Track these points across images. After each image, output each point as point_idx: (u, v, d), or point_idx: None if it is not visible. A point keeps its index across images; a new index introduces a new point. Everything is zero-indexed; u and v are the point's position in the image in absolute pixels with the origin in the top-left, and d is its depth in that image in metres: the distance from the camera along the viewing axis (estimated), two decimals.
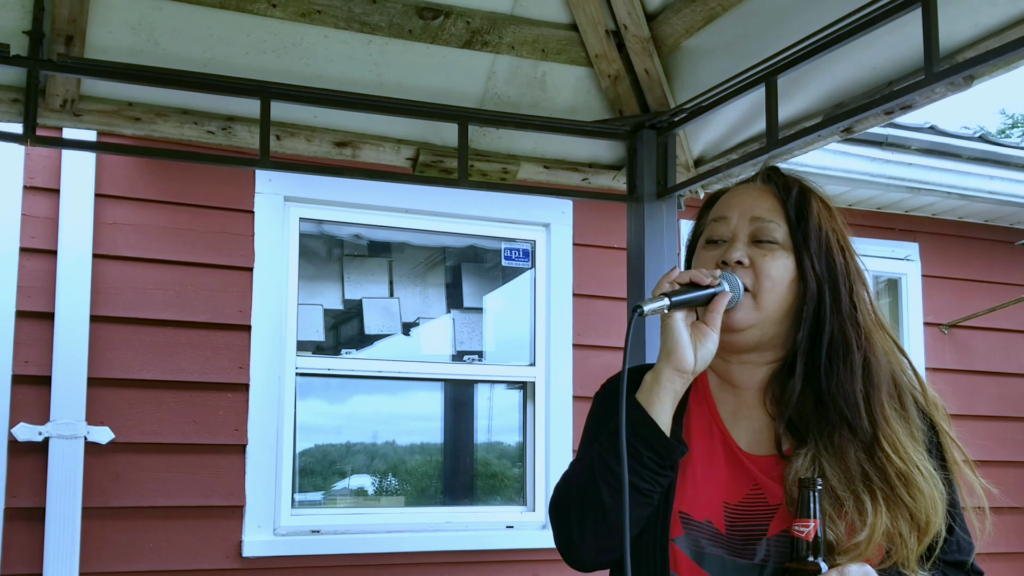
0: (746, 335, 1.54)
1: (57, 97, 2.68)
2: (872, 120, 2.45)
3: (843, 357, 1.51)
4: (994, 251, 5.76)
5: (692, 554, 1.49)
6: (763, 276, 1.53)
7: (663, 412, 1.49)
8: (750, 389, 1.59)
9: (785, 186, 1.60)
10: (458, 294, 4.79)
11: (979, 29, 2.15)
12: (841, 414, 1.48)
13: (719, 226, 1.59)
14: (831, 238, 1.57)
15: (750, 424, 1.57)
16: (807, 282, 1.53)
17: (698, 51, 2.85)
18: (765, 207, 1.58)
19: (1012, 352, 5.70)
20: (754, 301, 1.53)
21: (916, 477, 1.44)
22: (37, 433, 3.70)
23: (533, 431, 4.65)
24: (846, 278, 1.55)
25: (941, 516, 1.45)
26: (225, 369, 4.05)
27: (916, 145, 5.10)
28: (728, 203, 1.62)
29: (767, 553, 1.46)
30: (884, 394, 1.50)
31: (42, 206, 3.83)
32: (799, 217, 1.56)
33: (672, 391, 1.50)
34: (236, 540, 3.99)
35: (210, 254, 4.08)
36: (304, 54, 2.77)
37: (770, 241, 1.55)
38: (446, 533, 4.37)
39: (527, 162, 3.16)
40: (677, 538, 1.50)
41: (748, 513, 1.49)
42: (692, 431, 1.58)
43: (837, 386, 1.49)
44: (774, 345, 1.56)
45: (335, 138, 2.98)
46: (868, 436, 1.46)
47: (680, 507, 1.51)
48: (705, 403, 1.61)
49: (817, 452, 1.46)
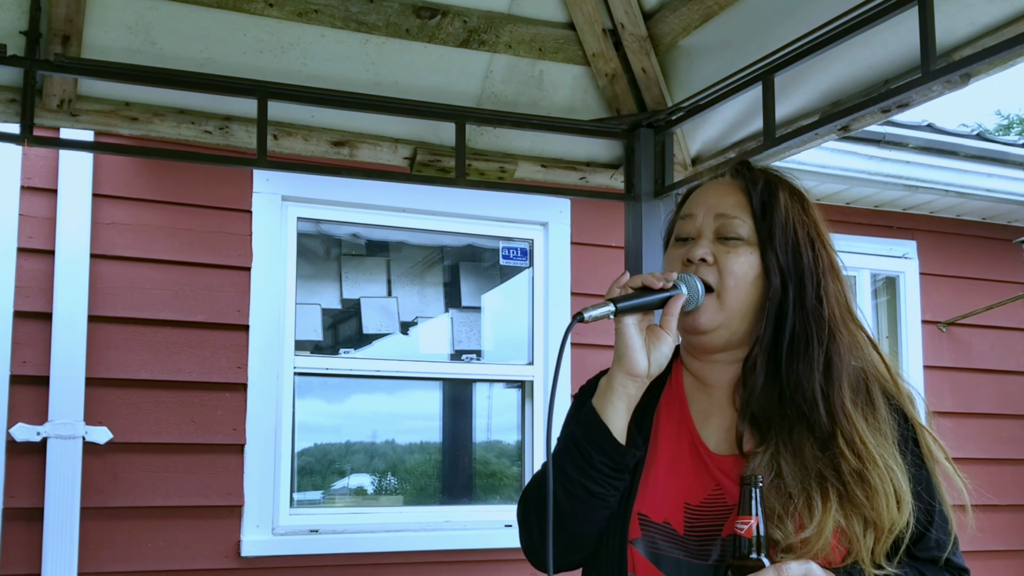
0: (713, 336, 1.53)
1: (54, 97, 2.68)
2: (869, 118, 2.45)
3: (803, 352, 1.49)
4: (992, 249, 5.76)
5: (649, 555, 1.49)
6: (726, 273, 1.52)
7: (616, 417, 1.50)
8: (721, 387, 1.58)
9: (752, 180, 1.58)
10: (456, 293, 4.79)
11: (975, 27, 2.16)
12: (799, 410, 1.46)
13: (686, 223, 1.58)
14: (799, 232, 1.54)
15: (720, 423, 1.56)
16: (771, 278, 1.52)
17: (695, 50, 2.85)
18: (730, 203, 1.56)
19: (1010, 350, 5.70)
20: (718, 301, 1.52)
21: (871, 474, 1.41)
22: (35, 433, 3.70)
23: (532, 430, 4.65)
24: (813, 272, 1.53)
25: (901, 514, 1.42)
26: (223, 369, 4.05)
27: (914, 143, 5.10)
28: (695, 200, 1.60)
29: (720, 553, 1.45)
30: (846, 389, 1.48)
31: (39, 206, 3.83)
32: (764, 212, 1.54)
33: (625, 395, 1.50)
34: (235, 540, 3.99)
35: (208, 254, 4.08)
36: (301, 54, 2.76)
37: (734, 238, 1.53)
38: (445, 532, 4.37)
39: (524, 161, 3.16)
40: (635, 540, 1.50)
41: (708, 514, 1.48)
42: (660, 431, 1.57)
43: (796, 382, 1.48)
44: (743, 342, 1.55)
45: (332, 138, 2.98)
46: (826, 432, 1.44)
47: (639, 508, 1.51)
48: (677, 402, 1.60)
49: (776, 451, 1.44)
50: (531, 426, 4.66)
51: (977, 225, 5.76)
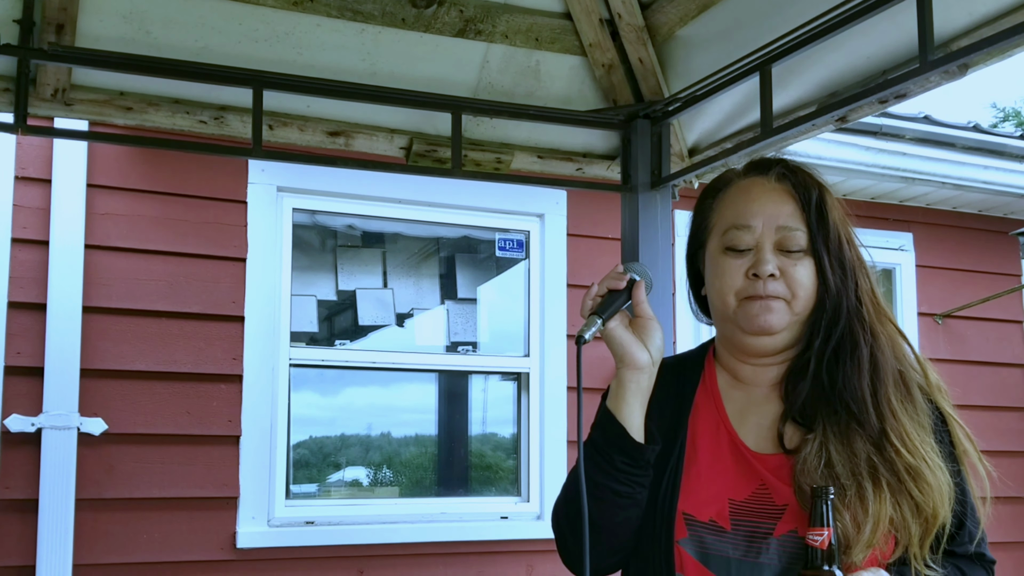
0: (778, 338, 1.56)
1: (48, 86, 2.66)
2: (867, 109, 2.44)
3: (850, 353, 1.52)
4: (988, 241, 5.77)
5: (697, 555, 1.49)
6: (796, 285, 1.54)
7: (631, 414, 1.53)
8: (760, 386, 1.60)
9: (803, 187, 1.60)
10: (452, 285, 4.78)
11: (973, 17, 2.15)
12: (848, 410, 1.48)
13: (743, 235, 1.58)
14: (842, 235, 1.58)
15: (758, 420, 1.57)
16: (829, 284, 1.55)
17: (692, 40, 2.84)
18: (787, 213, 1.58)
19: (1006, 342, 5.71)
20: (788, 307, 1.55)
21: (924, 470, 1.44)
22: (30, 424, 3.69)
23: (528, 422, 4.65)
24: (853, 272, 1.57)
25: (948, 507, 1.45)
26: (218, 360, 4.04)
27: (910, 135, 5.10)
28: (750, 210, 1.59)
29: (774, 553, 1.45)
30: (891, 387, 1.51)
31: (33, 196, 3.81)
32: (820, 222, 1.57)
33: (636, 390, 1.54)
34: (230, 531, 3.99)
35: (203, 245, 4.07)
36: (296, 43, 2.75)
37: (797, 251, 1.56)
38: (440, 524, 4.37)
39: (521, 152, 3.15)
40: (682, 540, 1.51)
41: (754, 511, 1.49)
42: (699, 429, 1.59)
43: (844, 382, 1.50)
44: (794, 345, 1.58)
45: (328, 128, 2.96)
46: (876, 431, 1.46)
47: (684, 508, 1.52)
48: (712, 402, 1.61)
49: (825, 439, 1.47)
50: (527, 418, 4.66)
51: (973, 217, 5.76)
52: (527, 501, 4.60)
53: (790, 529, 1.45)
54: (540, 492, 4.59)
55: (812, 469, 1.44)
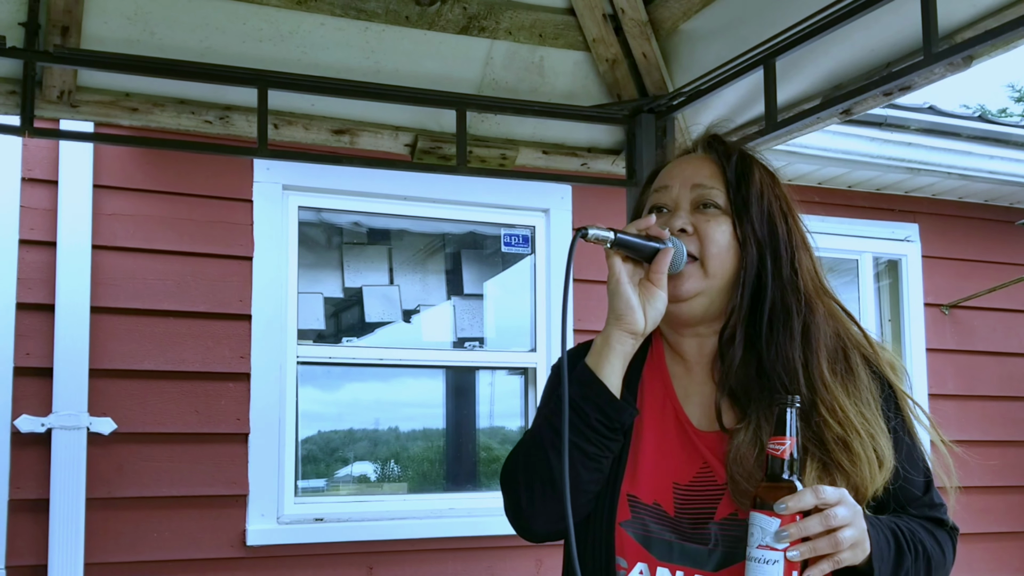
0: (694, 304, 1.52)
1: (54, 88, 2.67)
2: (871, 102, 2.44)
3: (783, 322, 1.49)
4: (994, 231, 5.75)
5: (639, 538, 1.47)
6: (708, 241, 1.52)
7: (612, 375, 1.48)
8: (700, 362, 1.58)
9: (726, 153, 1.59)
10: (458, 281, 4.79)
11: (977, 9, 2.15)
12: (780, 380, 1.45)
13: (661, 195, 1.59)
14: (773, 204, 1.56)
15: (700, 399, 1.55)
16: (748, 247, 1.52)
17: (696, 34, 2.84)
18: (705, 174, 1.57)
19: (1012, 332, 5.70)
20: (701, 268, 1.52)
21: (853, 441, 1.41)
22: (40, 424, 3.71)
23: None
24: (788, 244, 1.54)
25: (879, 479, 1.42)
26: (226, 358, 4.05)
27: (915, 125, 5.09)
28: (669, 172, 1.61)
29: (716, 537, 1.44)
30: (823, 358, 1.48)
31: (41, 198, 3.83)
32: (739, 182, 1.55)
33: (622, 353, 1.49)
34: (240, 529, 4.00)
35: (209, 244, 4.08)
36: (301, 42, 2.75)
37: (712, 205, 1.54)
38: (449, 520, 4.38)
39: (526, 147, 3.16)
40: (624, 522, 1.48)
41: (697, 494, 1.47)
42: (645, 408, 1.56)
43: (776, 352, 1.48)
44: (720, 314, 1.55)
45: (333, 126, 2.97)
46: (806, 401, 1.43)
47: (628, 490, 1.49)
48: (660, 378, 1.59)
49: (758, 425, 1.43)
50: (534, 413, 4.66)
51: (979, 207, 5.75)
52: None
53: (730, 512, 1.43)
54: None
55: (745, 457, 1.41)
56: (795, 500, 1.29)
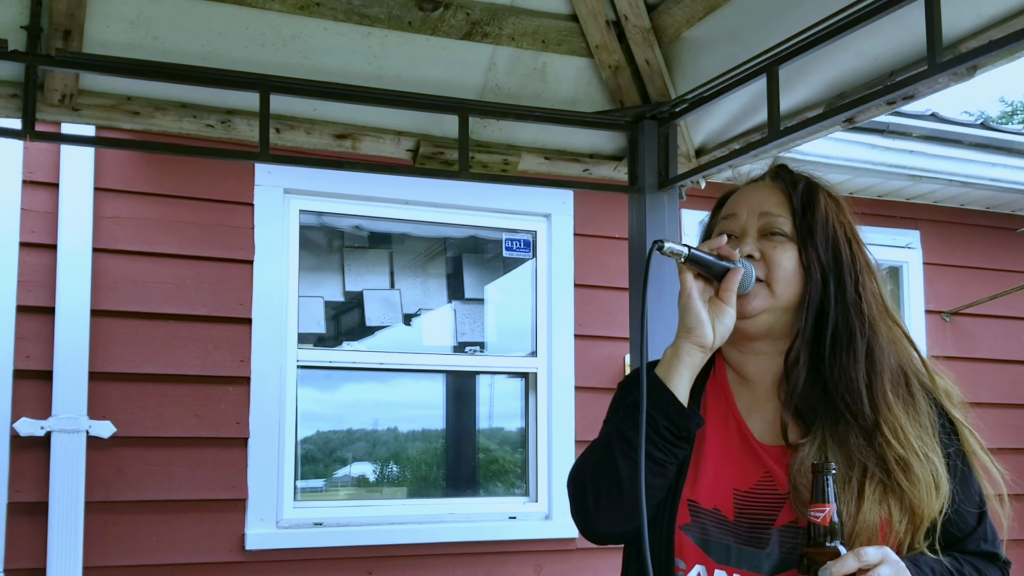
0: (759, 320, 1.58)
1: (56, 92, 2.66)
2: (874, 110, 2.43)
3: (846, 344, 1.54)
4: (995, 238, 5.75)
5: (698, 541, 1.53)
6: (774, 266, 1.58)
7: (681, 384, 1.54)
8: (763, 382, 1.62)
9: (792, 182, 1.65)
10: (459, 285, 4.78)
11: (982, 19, 2.14)
12: (844, 400, 1.50)
13: (729, 223, 1.65)
14: (838, 230, 1.61)
15: (763, 416, 1.60)
16: (812, 272, 1.58)
17: (699, 41, 2.83)
18: (773, 202, 1.63)
19: (1014, 339, 5.69)
20: (768, 289, 1.57)
21: (913, 463, 1.45)
22: (39, 428, 3.70)
23: (535, 421, 4.65)
24: (852, 269, 1.59)
25: (937, 504, 1.46)
26: (226, 362, 4.05)
27: (917, 132, 5.08)
28: (738, 201, 1.67)
29: (774, 543, 1.48)
30: (887, 381, 1.52)
31: (41, 200, 3.82)
32: (805, 210, 1.61)
33: (691, 365, 1.55)
34: (239, 533, 4.00)
35: (210, 247, 4.07)
36: (303, 47, 2.75)
37: (779, 233, 1.60)
38: (449, 524, 4.38)
39: (528, 153, 3.15)
40: (684, 525, 1.53)
41: (758, 501, 1.51)
42: (708, 417, 1.62)
43: (840, 373, 1.52)
44: (785, 334, 1.60)
45: (335, 130, 2.97)
46: (869, 422, 1.48)
47: (689, 495, 1.55)
48: (722, 393, 1.65)
49: (823, 442, 1.49)
50: (535, 418, 4.66)
51: (980, 215, 5.75)
52: (535, 501, 4.60)
53: (791, 520, 1.48)
54: (548, 492, 4.59)
55: (807, 472, 1.45)
56: (838, 565, 1.34)
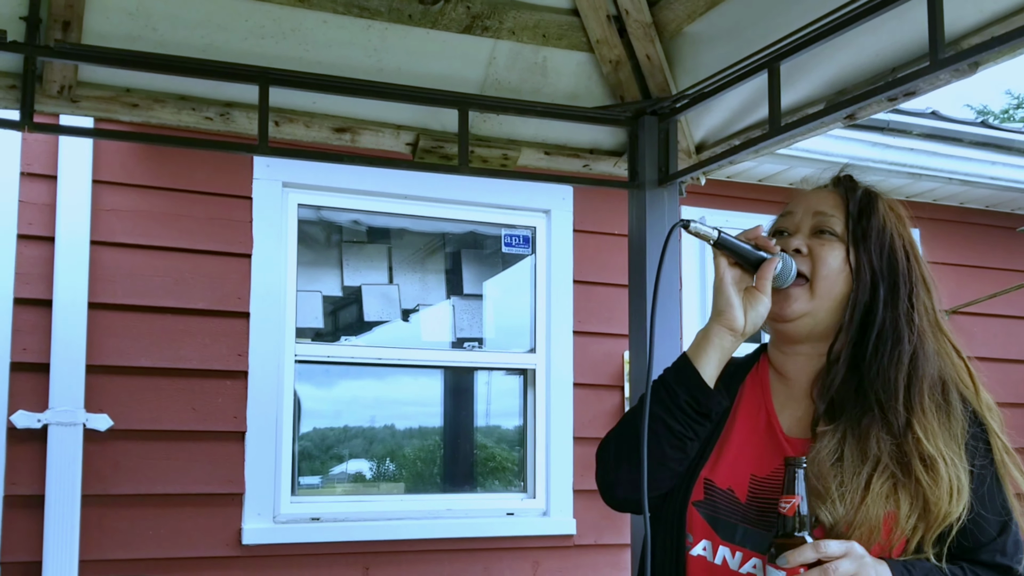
0: (799, 324, 1.61)
1: (54, 83, 2.65)
2: (875, 107, 2.42)
3: (891, 347, 1.56)
4: (995, 237, 5.75)
5: (708, 517, 1.58)
6: (819, 263, 1.60)
7: (708, 365, 1.58)
8: (800, 381, 1.65)
9: (852, 188, 1.69)
10: (458, 280, 4.78)
11: (984, 15, 2.13)
12: (877, 397, 1.52)
13: (785, 220, 1.69)
14: (895, 240, 1.64)
15: (795, 411, 1.63)
16: (861, 273, 1.60)
17: (700, 37, 2.82)
18: (829, 204, 1.67)
19: (1013, 338, 5.69)
20: (809, 289, 1.60)
21: (939, 462, 1.47)
22: (36, 420, 3.69)
23: (534, 417, 4.65)
24: (907, 278, 1.61)
25: (956, 507, 1.47)
26: (224, 356, 4.04)
27: (918, 130, 5.07)
28: (796, 200, 1.71)
29: None
30: (926, 386, 1.54)
31: (39, 193, 3.81)
32: (861, 214, 1.64)
33: (720, 347, 1.59)
34: (236, 528, 3.99)
35: (208, 241, 4.07)
36: (303, 39, 2.74)
37: (829, 232, 1.63)
38: (446, 520, 4.37)
39: (528, 148, 3.14)
40: (697, 501, 1.59)
41: (771, 487, 1.55)
42: (740, 410, 1.66)
43: (879, 371, 1.54)
44: (827, 335, 1.62)
45: (334, 124, 2.96)
46: (902, 420, 1.50)
47: (707, 474, 1.60)
48: (760, 388, 1.68)
49: (843, 436, 1.51)
50: (533, 414, 4.65)
51: (980, 213, 5.74)
52: (533, 497, 4.60)
53: None
54: (546, 488, 4.58)
55: (823, 461, 1.49)
56: (796, 554, 1.39)
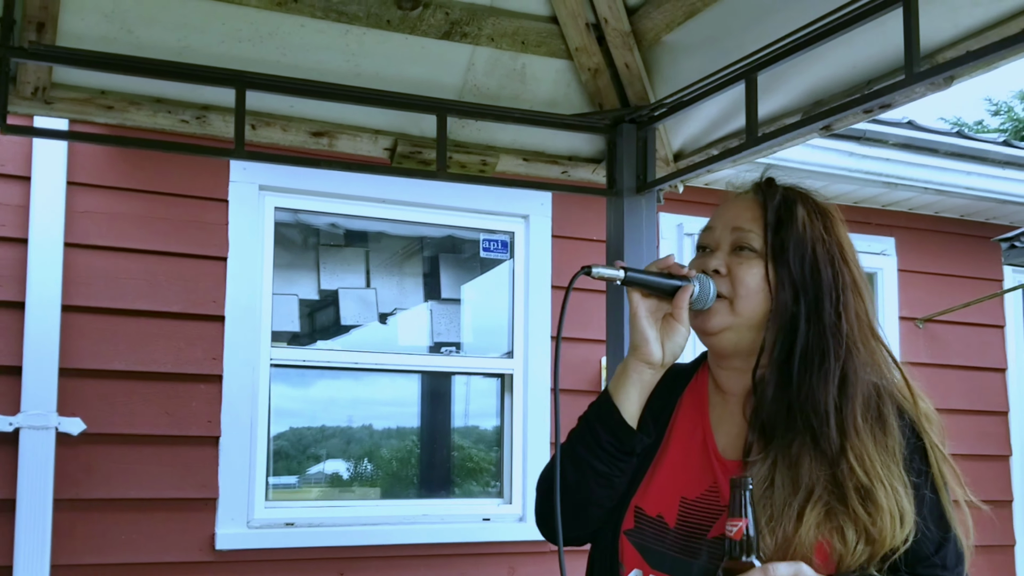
0: (722, 338, 1.58)
1: (28, 84, 2.62)
2: (851, 118, 2.44)
3: (818, 366, 1.50)
4: (970, 246, 5.80)
5: (638, 546, 1.56)
6: (737, 283, 1.56)
7: (628, 401, 1.57)
8: (735, 395, 1.62)
9: (770, 195, 1.62)
10: (435, 285, 4.77)
11: (959, 29, 2.15)
12: (808, 423, 1.47)
13: (706, 236, 1.66)
14: (818, 248, 1.56)
15: (731, 429, 1.60)
16: (781, 290, 1.54)
17: (678, 46, 2.83)
18: (747, 217, 1.61)
19: (986, 347, 5.74)
20: (730, 307, 1.56)
21: (877, 492, 1.42)
22: (8, 424, 3.65)
23: (511, 423, 4.64)
24: (832, 288, 1.54)
25: (900, 533, 1.42)
26: (198, 360, 4.01)
27: (893, 140, 5.12)
28: (717, 213, 1.67)
29: (704, 553, 1.49)
30: (859, 405, 1.49)
31: (13, 194, 3.77)
32: (779, 225, 1.57)
33: (639, 382, 1.58)
34: (209, 533, 3.96)
35: (183, 243, 4.04)
36: (280, 43, 2.72)
37: (748, 248, 1.58)
38: (422, 526, 4.36)
39: (506, 154, 3.14)
40: (628, 530, 1.58)
41: (701, 511, 1.52)
42: (676, 429, 1.63)
43: (807, 395, 1.49)
44: (754, 351, 1.57)
45: (311, 128, 2.94)
46: (835, 447, 1.45)
47: (637, 502, 1.58)
48: (698, 404, 1.65)
49: (774, 462, 1.47)
50: (511, 419, 4.65)
51: (955, 222, 5.79)
52: (509, 503, 4.60)
53: (722, 532, 1.44)
54: (523, 493, 4.58)
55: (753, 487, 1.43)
56: None
